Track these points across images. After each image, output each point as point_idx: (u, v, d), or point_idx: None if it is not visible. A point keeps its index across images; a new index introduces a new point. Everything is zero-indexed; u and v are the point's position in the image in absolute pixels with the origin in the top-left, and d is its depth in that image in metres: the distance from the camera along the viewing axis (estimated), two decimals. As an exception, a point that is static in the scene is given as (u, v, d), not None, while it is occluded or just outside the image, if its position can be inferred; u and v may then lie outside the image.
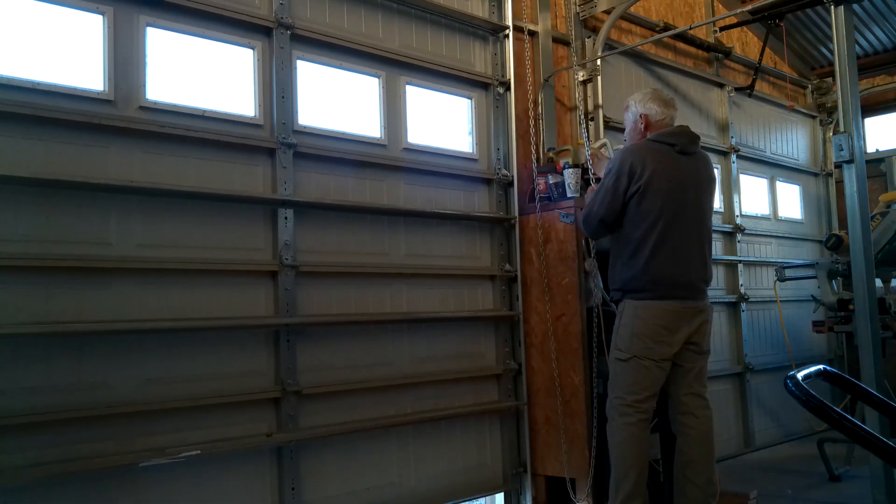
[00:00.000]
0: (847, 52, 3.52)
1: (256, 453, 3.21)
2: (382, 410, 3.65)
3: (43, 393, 2.67)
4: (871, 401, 2.38)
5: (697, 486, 3.38)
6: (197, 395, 3.03)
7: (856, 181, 3.50)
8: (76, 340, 2.77)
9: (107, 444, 2.78)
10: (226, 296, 3.18)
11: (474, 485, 4.03)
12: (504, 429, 4.17)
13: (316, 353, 3.43)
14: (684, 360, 3.43)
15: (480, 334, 4.15)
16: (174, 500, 2.94)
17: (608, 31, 4.74)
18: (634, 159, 3.38)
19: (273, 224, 3.35)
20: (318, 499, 3.37)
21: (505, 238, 4.28)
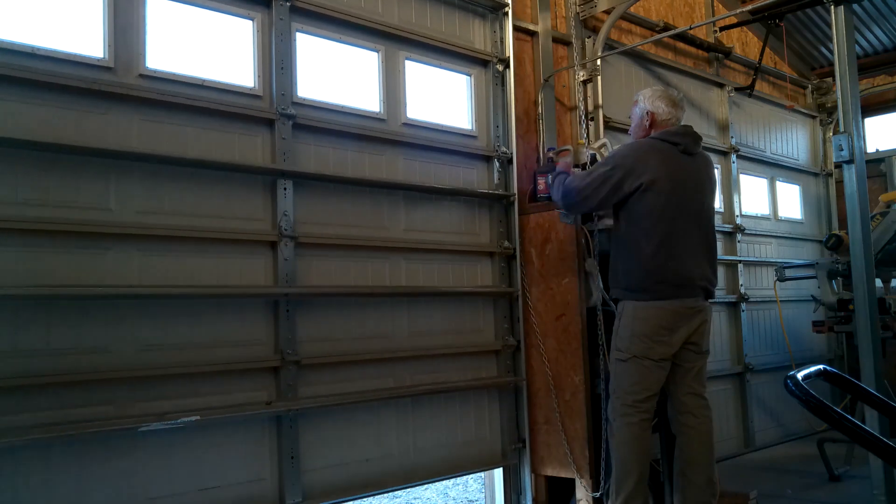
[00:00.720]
0: (847, 52, 3.52)
1: (256, 421, 3.22)
2: (381, 383, 3.66)
3: (42, 356, 2.69)
4: (871, 401, 2.38)
5: (698, 486, 3.39)
6: (196, 361, 3.05)
7: (856, 181, 3.50)
8: (76, 305, 2.78)
9: (106, 409, 2.80)
10: (225, 264, 3.19)
11: (473, 459, 4.04)
12: (503, 404, 4.19)
13: (315, 324, 3.44)
14: (684, 360, 3.43)
15: (479, 310, 4.16)
16: (173, 465, 2.96)
17: (608, 31, 4.74)
18: (637, 156, 3.38)
19: (272, 195, 3.36)
20: (317, 468, 3.39)
21: (504, 215, 4.29)
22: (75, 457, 2.73)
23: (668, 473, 3.63)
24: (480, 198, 4.22)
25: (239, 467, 3.14)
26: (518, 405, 4.19)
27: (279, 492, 3.24)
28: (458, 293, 4.04)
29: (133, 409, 2.86)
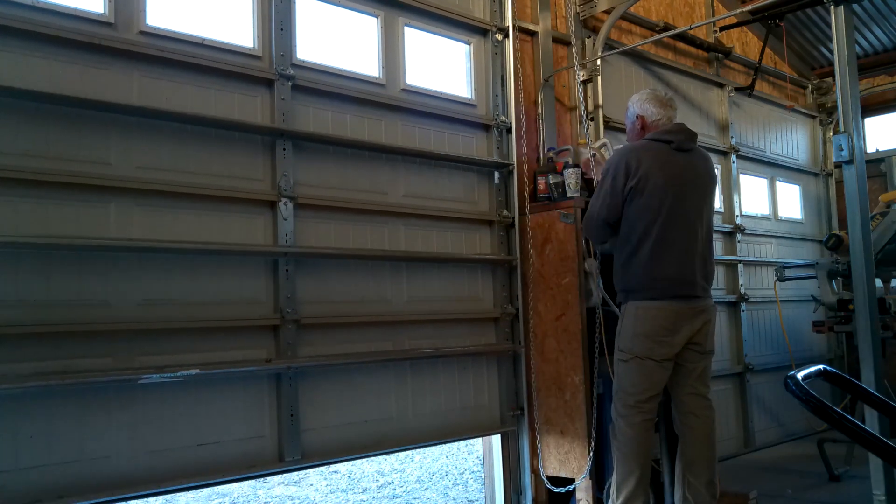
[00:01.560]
0: (847, 52, 3.51)
1: (255, 378, 3.23)
2: (380, 346, 3.68)
3: (42, 307, 2.70)
4: (871, 401, 2.38)
5: (699, 486, 3.39)
6: (196, 317, 3.06)
7: (856, 181, 3.49)
8: (75, 256, 2.79)
9: (105, 361, 2.82)
10: (225, 222, 3.21)
11: (471, 424, 4.05)
12: (501, 371, 4.20)
13: (314, 285, 3.45)
14: (687, 361, 3.43)
15: (478, 278, 4.17)
16: (173, 419, 2.97)
17: (608, 31, 4.74)
18: (629, 157, 3.39)
19: (272, 155, 3.37)
20: (316, 427, 3.40)
21: (503, 183, 4.30)
22: (75, 407, 2.74)
23: (669, 473, 3.63)
24: (479, 166, 4.23)
25: (238, 424, 3.16)
26: (517, 372, 4.21)
27: (278, 449, 3.26)
28: (457, 260, 4.05)
29: (132, 362, 2.88)
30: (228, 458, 3.11)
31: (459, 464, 6.15)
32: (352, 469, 6.13)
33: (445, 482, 5.57)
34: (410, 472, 5.92)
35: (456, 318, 4.01)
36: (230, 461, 3.12)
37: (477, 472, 5.72)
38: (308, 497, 5.32)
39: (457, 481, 5.57)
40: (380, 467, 6.16)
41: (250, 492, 5.53)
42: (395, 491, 5.39)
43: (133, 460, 2.86)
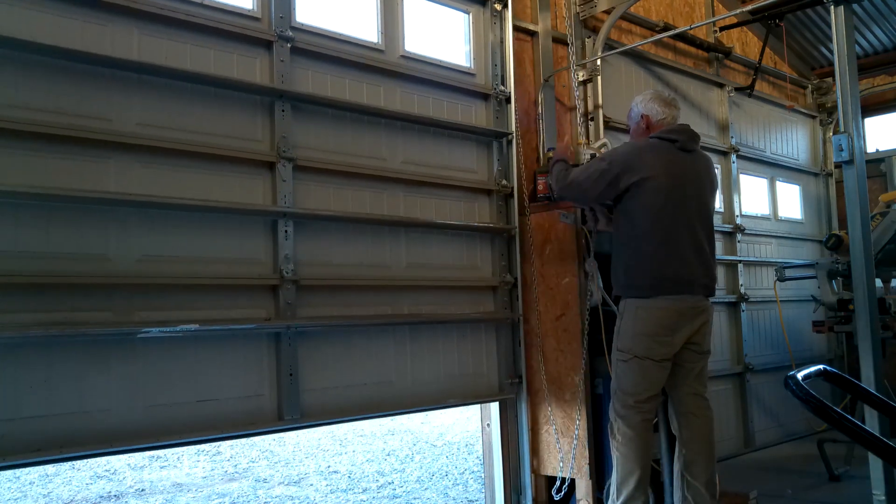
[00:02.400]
0: (847, 52, 3.51)
1: (255, 336, 3.24)
2: (379, 310, 3.69)
3: (43, 259, 2.71)
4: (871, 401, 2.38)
5: (698, 486, 3.39)
6: (194, 274, 3.07)
7: (856, 181, 3.49)
8: (75, 209, 2.80)
9: (105, 315, 2.83)
10: (224, 182, 3.22)
11: (470, 391, 4.07)
12: (500, 339, 4.21)
13: (313, 247, 3.47)
14: (685, 360, 3.43)
15: (477, 246, 4.18)
16: (172, 375, 2.98)
17: (608, 31, 4.74)
18: (633, 154, 3.40)
19: (270, 116, 3.38)
20: (315, 388, 3.41)
21: (502, 153, 4.31)
22: (75, 361, 2.75)
23: (669, 473, 3.63)
24: (478, 134, 4.24)
25: (238, 382, 3.18)
26: (515, 341, 4.22)
27: (278, 408, 3.27)
28: (456, 227, 4.06)
29: (132, 316, 2.89)
30: (228, 416, 3.13)
31: (459, 464, 6.16)
32: (352, 469, 6.14)
33: (445, 482, 5.57)
34: (410, 472, 5.92)
35: (455, 285, 4.02)
36: (230, 418, 3.14)
37: (477, 472, 5.72)
38: (308, 497, 5.32)
39: (457, 481, 5.57)
40: (380, 467, 6.16)
41: (250, 492, 5.53)
42: (395, 491, 5.39)
43: (132, 414, 2.87)
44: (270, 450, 7.13)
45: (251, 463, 6.57)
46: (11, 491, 5.89)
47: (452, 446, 6.93)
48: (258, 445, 7.34)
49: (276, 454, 6.92)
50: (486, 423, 4.28)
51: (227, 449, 7.22)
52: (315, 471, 6.14)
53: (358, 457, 6.65)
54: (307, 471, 6.17)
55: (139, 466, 6.58)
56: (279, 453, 6.96)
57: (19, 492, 5.86)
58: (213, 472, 6.28)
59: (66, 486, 5.99)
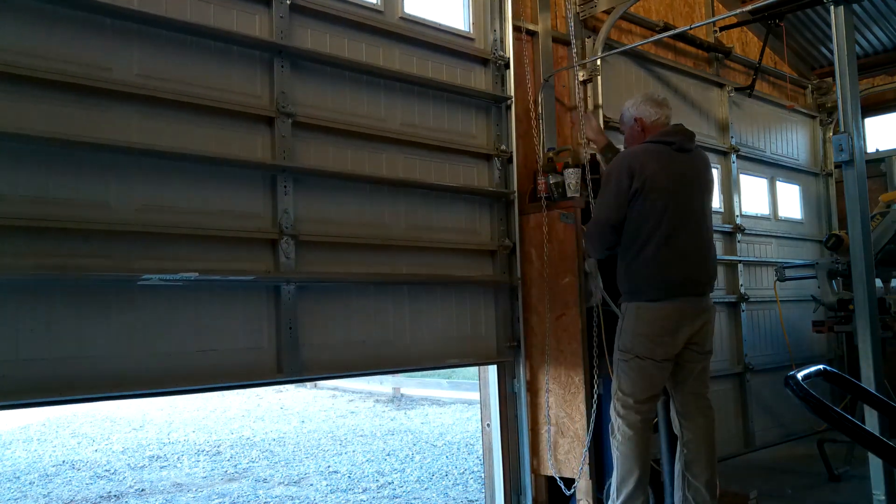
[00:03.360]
0: (847, 52, 3.51)
1: (255, 289, 3.26)
2: (378, 269, 3.70)
3: (43, 204, 2.72)
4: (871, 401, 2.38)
5: (699, 485, 3.39)
6: (195, 225, 3.08)
7: (856, 181, 3.49)
8: (76, 156, 2.81)
9: (105, 262, 2.84)
10: (224, 135, 3.23)
11: (468, 353, 4.09)
12: (498, 304, 4.23)
13: (312, 204, 3.48)
14: (686, 361, 3.44)
15: (475, 211, 4.20)
16: (172, 324, 3.00)
17: (608, 31, 4.74)
18: (632, 160, 3.40)
19: (270, 71, 3.39)
20: (315, 343, 3.43)
21: (501, 118, 4.32)
22: (75, 306, 2.76)
23: (669, 473, 3.63)
24: (477, 98, 4.25)
25: (238, 334, 3.20)
26: (513, 306, 4.23)
27: (277, 361, 3.30)
28: (455, 190, 4.07)
29: (131, 264, 2.90)
30: (227, 367, 3.15)
31: (459, 464, 6.16)
32: (352, 469, 6.14)
33: (445, 482, 5.57)
34: (410, 472, 5.92)
35: (453, 247, 4.04)
36: (229, 369, 3.16)
37: (477, 472, 5.72)
38: (308, 497, 5.32)
39: (457, 481, 5.57)
40: (380, 467, 6.16)
41: (250, 492, 5.53)
42: (395, 491, 5.39)
43: (132, 362, 2.89)
44: (270, 450, 7.13)
45: (251, 463, 6.57)
46: (11, 491, 5.89)
47: (452, 446, 6.93)
48: (258, 445, 7.34)
49: (276, 454, 6.92)
50: (486, 423, 4.28)
51: (227, 449, 7.23)
52: (315, 471, 6.14)
53: (358, 457, 6.65)
54: (307, 471, 6.17)
55: (139, 466, 6.58)
56: (279, 453, 6.96)
57: (19, 492, 5.86)
58: (213, 472, 6.28)
59: (66, 486, 5.99)
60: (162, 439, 7.89)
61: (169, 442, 7.72)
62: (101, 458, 6.99)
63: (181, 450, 7.27)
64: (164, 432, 8.36)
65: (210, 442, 7.62)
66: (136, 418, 9.52)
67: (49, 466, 6.71)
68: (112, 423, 9.12)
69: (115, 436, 8.21)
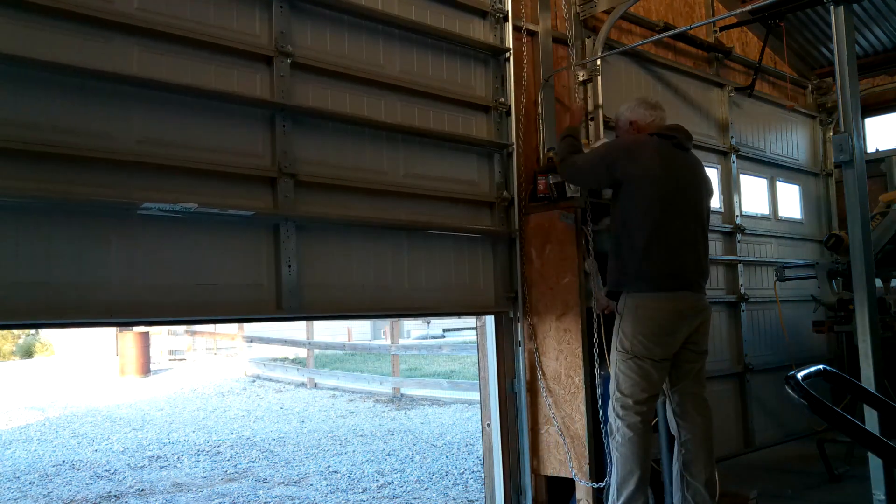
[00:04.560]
0: (847, 52, 3.51)
1: (254, 225, 3.28)
2: (376, 214, 3.72)
3: (44, 130, 2.73)
4: (871, 401, 2.38)
5: (698, 485, 3.39)
6: (195, 159, 3.10)
7: (856, 181, 3.49)
8: (78, 85, 2.82)
9: (105, 191, 2.86)
10: (223, 72, 3.25)
11: (466, 302, 4.12)
12: (497, 255, 4.25)
13: (311, 147, 3.50)
14: (684, 361, 3.44)
15: (474, 162, 4.22)
16: (171, 255, 3.03)
17: (608, 31, 4.74)
18: (631, 146, 3.50)
19: (269, 11, 3.41)
20: (314, 284, 3.45)
21: (500, 71, 4.34)
22: (75, 233, 2.79)
23: (669, 473, 3.63)
24: (476, 50, 4.26)
25: (237, 269, 3.22)
26: (511, 258, 4.26)
27: (277, 297, 3.32)
28: (453, 138, 4.08)
29: (132, 194, 2.91)
30: (227, 301, 3.19)
31: (459, 464, 6.15)
32: (352, 469, 6.14)
33: (445, 482, 5.57)
34: (410, 472, 5.92)
35: (452, 197, 4.06)
36: (229, 303, 3.19)
37: (477, 472, 5.72)
38: (308, 497, 5.32)
39: (457, 481, 5.57)
40: (380, 467, 6.16)
41: (250, 492, 5.53)
42: (395, 491, 5.39)
43: (132, 290, 2.91)
44: (270, 450, 7.13)
45: (251, 463, 6.57)
46: (11, 491, 5.89)
47: (452, 446, 6.93)
48: (258, 445, 7.35)
49: (276, 454, 6.92)
50: (487, 423, 4.28)
51: (227, 449, 7.23)
52: (315, 471, 6.14)
53: (358, 457, 6.65)
54: (307, 471, 6.17)
55: (139, 466, 6.58)
56: (279, 453, 6.96)
57: (19, 492, 5.86)
58: (213, 472, 6.28)
59: (66, 486, 5.99)
60: (162, 439, 7.89)
61: (169, 442, 7.72)
62: (101, 458, 6.99)
63: (181, 450, 7.27)
64: (164, 432, 8.36)
65: (210, 442, 7.62)
66: (136, 418, 9.53)
67: (49, 466, 6.71)
68: (112, 423, 9.12)
69: (115, 436, 8.22)
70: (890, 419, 2.89)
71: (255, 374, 13.61)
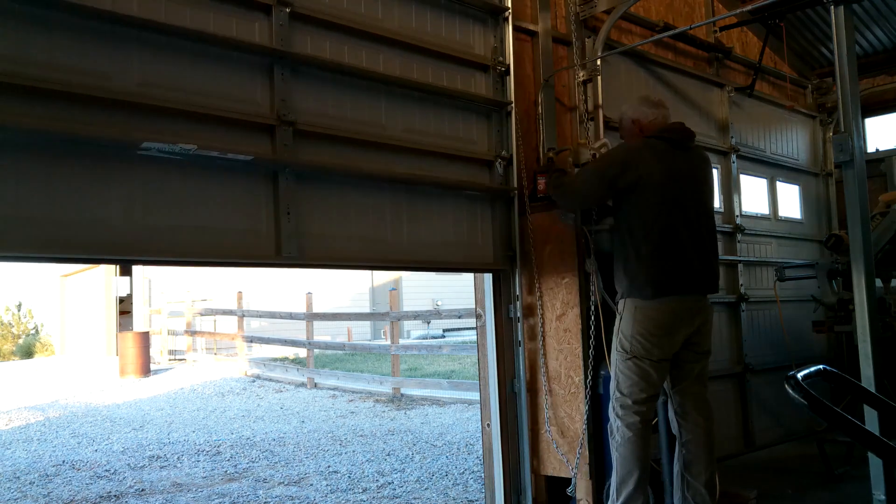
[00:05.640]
0: (847, 52, 3.51)
1: (253, 172, 3.29)
2: (375, 167, 3.74)
3: (44, 67, 2.73)
4: (871, 401, 2.38)
5: (698, 486, 3.39)
6: (195, 104, 3.12)
7: (856, 181, 3.49)
8: (78, 23, 2.82)
9: (106, 130, 2.88)
10: (222, 19, 3.25)
11: (465, 259, 4.14)
12: (496, 213, 4.27)
13: (310, 97, 3.52)
14: (685, 361, 3.44)
15: (473, 120, 4.23)
16: (170, 197, 3.04)
17: (608, 31, 4.74)
18: (630, 153, 3.44)
19: None
20: (314, 233, 3.47)
21: (499, 29, 4.36)
22: (76, 172, 2.81)
23: (669, 473, 3.63)
24: (475, 8, 4.27)
25: (237, 215, 3.24)
26: (510, 217, 4.28)
27: (276, 244, 3.34)
28: (452, 95, 4.09)
29: (132, 135, 2.93)
30: (226, 245, 3.21)
31: (459, 464, 6.15)
32: (352, 469, 6.14)
33: (445, 482, 5.56)
34: (410, 472, 5.92)
35: (452, 153, 4.07)
36: (228, 248, 3.22)
37: (477, 472, 5.72)
38: (308, 497, 5.32)
39: (457, 481, 5.57)
40: (380, 467, 6.16)
41: (250, 492, 5.53)
42: (395, 491, 5.39)
43: (131, 230, 2.94)
44: (270, 450, 7.13)
45: (251, 463, 6.57)
46: (11, 491, 5.89)
47: (452, 446, 6.93)
48: (258, 445, 7.34)
49: (276, 454, 6.92)
50: (487, 423, 4.28)
51: (227, 449, 7.23)
52: (315, 471, 6.14)
53: (358, 457, 6.65)
54: (307, 471, 6.17)
55: (139, 466, 6.58)
56: (279, 453, 6.96)
57: (19, 492, 5.86)
58: (213, 472, 6.28)
59: (66, 486, 5.99)
60: (162, 439, 7.89)
61: (169, 442, 7.72)
62: (101, 458, 6.99)
63: (181, 450, 7.27)
64: (164, 432, 8.36)
65: (210, 442, 7.62)
66: (136, 418, 9.53)
67: (49, 466, 6.71)
68: (112, 423, 9.12)
69: (115, 436, 8.21)
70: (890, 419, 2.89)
71: (255, 374, 13.60)
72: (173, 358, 17.08)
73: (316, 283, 18.38)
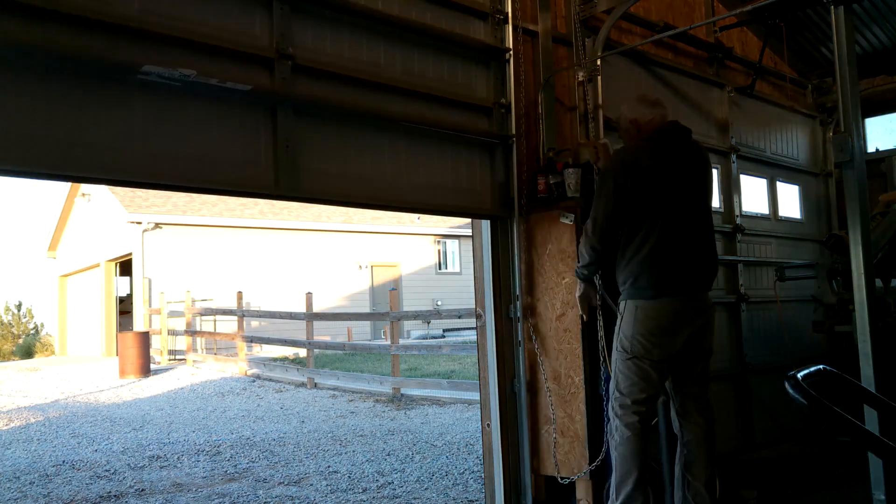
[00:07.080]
0: (847, 52, 3.51)
1: (252, 103, 3.30)
2: (374, 107, 3.73)
3: None
4: (871, 401, 2.38)
5: (698, 486, 3.39)
6: (195, 32, 3.12)
7: (856, 181, 3.49)
8: None
9: (107, 54, 2.89)
10: None
11: (464, 204, 4.18)
12: (494, 161, 4.30)
13: (309, 33, 3.53)
14: (686, 361, 3.44)
15: (472, 68, 4.26)
16: (170, 124, 3.07)
17: (608, 31, 4.74)
18: (625, 157, 3.44)
19: None
20: (312, 168, 3.49)
21: None
22: (76, 94, 2.83)
23: (669, 473, 3.63)
24: None
25: (235, 145, 3.27)
26: (508, 166, 4.30)
27: (275, 177, 3.36)
28: (451, 40, 4.10)
29: (132, 59, 2.94)
30: (224, 174, 3.23)
31: (459, 464, 6.15)
32: (352, 469, 6.13)
33: (445, 482, 5.56)
34: (410, 472, 5.92)
35: (451, 97, 4.07)
36: (226, 176, 3.24)
37: (477, 472, 5.72)
38: (308, 497, 5.32)
39: (457, 481, 5.57)
40: (380, 467, 6.16)
41: (250, 492, 5.53)
42: (395, 491, 5.39)
43: (131, 154, 2.96)
44: (270, 450, 7.13)
45: (251, 463, 6.57)
46: (11, 491, 5.89)
47: (452, 446, 6.93)
48: (258, 445, 7.34)
49: (276, 454, 6.92)
50: (487, 423, 4.28)
51: (227, 449, 7.23)
52: (315, 471, 6.14)
53: (358, 457, 6.65)
54: (307, 471, 6.17)
55: (139, 466, 6.58)
56: (279, 453, 6.96)
57: (19, 492, 5.86)
58: (213, 472, 6.28)
59: (66, 486, 5.99)
60: (162, 439, 7.89)
61: (169, 442, 7.72)
62: (101, 458, 6.99)
63: (181, 450, 7.27)
64: (164, 432, 8.36)
65: (210, 442, 7.62)
66: (136, 418, 9.53)
67: (49, 466, 6.71)
68: (112, 423, 9.12)
69: (115, 436, 8.21)
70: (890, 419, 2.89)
71: (255, 374, 13.61)
72: (173, 358, 17.08)
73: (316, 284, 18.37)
